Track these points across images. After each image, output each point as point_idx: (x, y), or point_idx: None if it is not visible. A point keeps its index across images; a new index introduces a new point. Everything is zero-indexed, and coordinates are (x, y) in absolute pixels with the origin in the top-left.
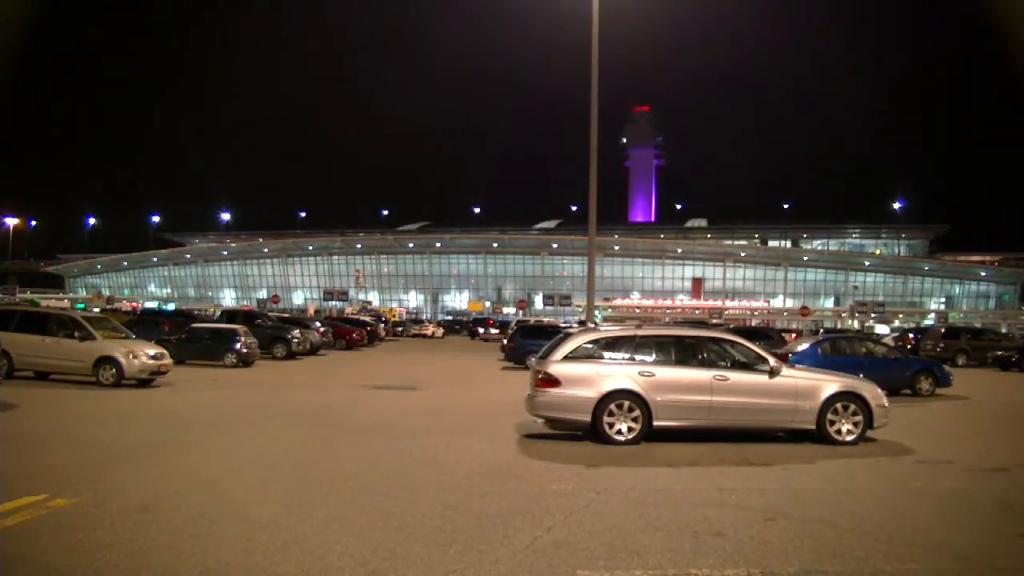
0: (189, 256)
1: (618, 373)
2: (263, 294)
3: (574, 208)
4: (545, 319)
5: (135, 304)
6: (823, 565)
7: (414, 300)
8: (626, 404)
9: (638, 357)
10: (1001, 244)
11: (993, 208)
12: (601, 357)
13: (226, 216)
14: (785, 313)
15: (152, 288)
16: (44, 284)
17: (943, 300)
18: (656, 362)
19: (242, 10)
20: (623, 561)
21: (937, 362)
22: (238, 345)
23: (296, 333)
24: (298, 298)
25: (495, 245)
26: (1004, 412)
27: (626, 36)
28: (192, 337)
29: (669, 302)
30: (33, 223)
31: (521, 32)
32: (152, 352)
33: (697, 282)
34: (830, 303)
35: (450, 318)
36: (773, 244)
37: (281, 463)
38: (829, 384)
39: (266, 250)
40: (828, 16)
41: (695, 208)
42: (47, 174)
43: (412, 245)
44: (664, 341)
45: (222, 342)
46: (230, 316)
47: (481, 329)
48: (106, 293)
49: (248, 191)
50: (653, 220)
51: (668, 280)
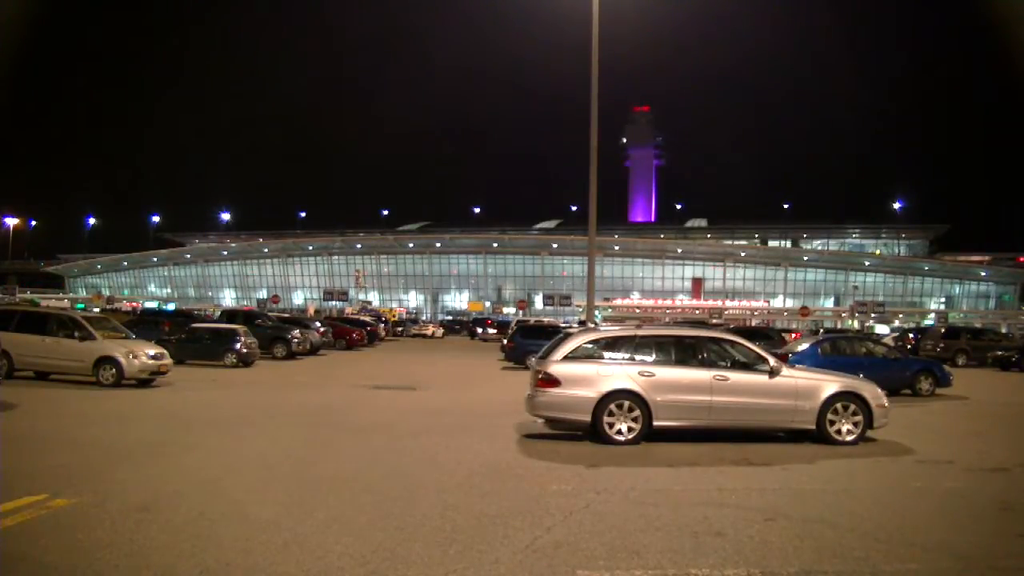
0: (189, 256)
1: (618, 373)
2: (263, 294)
3: (574, 208)
4: (545, 319)
5: (135, 304)
6: (823, 565)
7: (414, 300)
8: (626, 404)
9: (638, 357)
10: (1001, 244)
11: (993, 208)
12: (601, 357)
13: (226, 216)
14: (785, 313)
15: (152, 288)
16: (44, 284)
17: (943, 300)
18: (656, 362)
19: (242, 10)
20: (623, 561)
21: (937, 362)
22: (238, 345)
23: (296, 333)
24: (298, 298)
25: (495, 245)
26: (1004, 412)
27: (626, 36)
28: (192, 337)
29: (669, 302)
30: (33, 223)
31: (521, 32)
32: (152, 352)
33: (697, 282)
34: (830, 303)
35: (450, 318)
36: (773, 244)
37: (281, 463)
38: (829, 384)
39: (266, 250)
40: (828, 16)
41: (695, 208)
42: (47, 174)
43: (412, 245)
44: (664, 341)
45: (222, 342)
46: (230, 316)
47: (481, 329)
48: (106, 293)
49: (248, 191)
50: (653, 220)
51: (668, 280)
